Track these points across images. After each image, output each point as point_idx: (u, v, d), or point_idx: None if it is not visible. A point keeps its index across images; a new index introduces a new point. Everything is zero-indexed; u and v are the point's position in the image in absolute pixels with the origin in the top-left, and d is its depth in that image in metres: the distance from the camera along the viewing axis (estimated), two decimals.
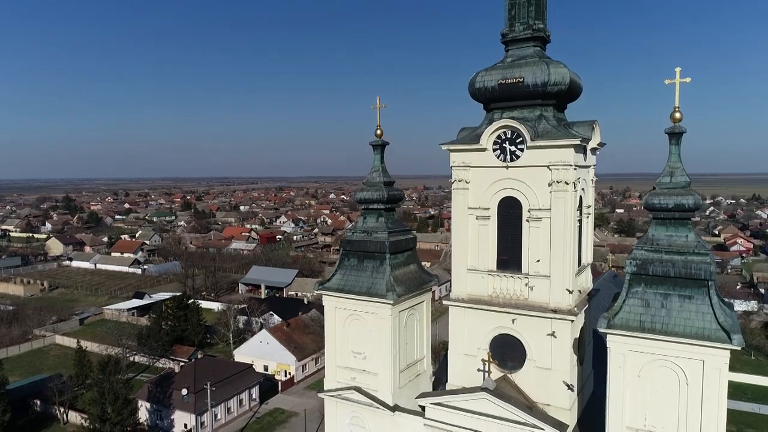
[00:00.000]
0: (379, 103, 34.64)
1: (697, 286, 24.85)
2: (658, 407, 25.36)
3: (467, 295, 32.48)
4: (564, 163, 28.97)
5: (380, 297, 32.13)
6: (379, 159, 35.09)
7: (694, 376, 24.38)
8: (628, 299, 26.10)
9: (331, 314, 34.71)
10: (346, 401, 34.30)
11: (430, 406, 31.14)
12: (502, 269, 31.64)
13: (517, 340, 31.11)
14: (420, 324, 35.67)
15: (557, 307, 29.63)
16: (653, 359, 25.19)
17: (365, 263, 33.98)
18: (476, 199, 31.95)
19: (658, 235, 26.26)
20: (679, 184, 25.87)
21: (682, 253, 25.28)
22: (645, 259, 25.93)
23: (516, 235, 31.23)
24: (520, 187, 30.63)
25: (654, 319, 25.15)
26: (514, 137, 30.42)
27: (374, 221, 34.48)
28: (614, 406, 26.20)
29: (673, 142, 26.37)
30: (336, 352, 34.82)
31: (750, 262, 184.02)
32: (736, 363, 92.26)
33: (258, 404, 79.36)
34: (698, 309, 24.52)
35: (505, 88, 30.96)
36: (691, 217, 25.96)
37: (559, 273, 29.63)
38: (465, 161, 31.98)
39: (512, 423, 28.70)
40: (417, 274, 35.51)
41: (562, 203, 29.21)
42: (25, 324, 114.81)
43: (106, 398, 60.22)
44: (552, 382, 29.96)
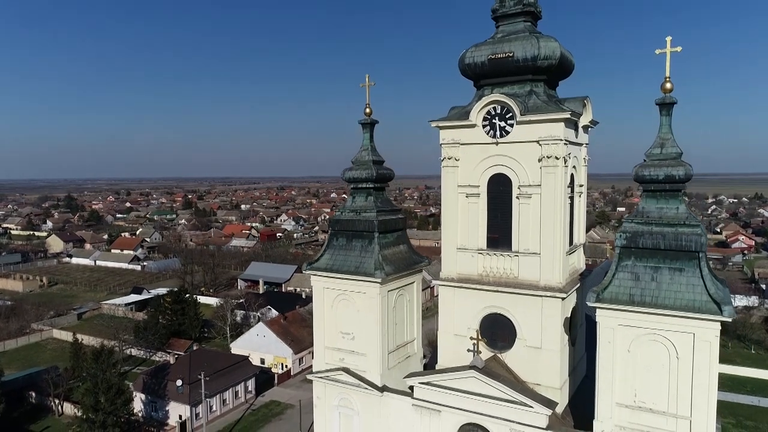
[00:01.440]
0: (368, 81, 34.19)
1: (688, 258, 24.34)
2: (648, 383, 24.87)
3: (457, 274, 32.05)
4: (554, 138, 28.51)
5: (368, 276, 31.67)
6: (369, 137, 34.64)
7: (684, 350, 23.88)
8: (618, 273, 25.60)
9: (320, 294, 34.26)
10: (334, 383, 33.85)
11: (418, 385, 30.67)
12: (492, 248, 31.21)
13: (507, 319, 30.67)
14: (410, 306, 35.20)
15: (547, 285, 29.19)
16: (643, 333, 24.69)
17: (354, 243, 33.52)
18: (466, 177, 31.51)
19: (648, 207, 25.75)
20: (669, 155, 25.37)
21: (673, 225, 24.79)
22: (635, 232, 25.43)
23: (506, 213, 30.80)
24: (510, 163, 30.19)
25: (644, 293, 24.65)
26: (503, 113, 29.97)
27: (363, 200, 34.03)
28: (603, 382, 25.71)
29: (663, 113, 25.87)
30: (324, 333, 34.37)
31: (751, 259, 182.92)
32: (737, 357, 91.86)
33: (254, 396, 78.83)
34: (689, 281, 24.02)
35: (495, 63, 30.51)
36: (682, 189, 25.46)
37: (550, 250, 29.19)
38: (454, 138, 31.55)
39: (501, 401, 28.20)
40: (407, 255, 35.04)
41: (553, 179, 28.76)
42: (23, 318, 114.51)
43: (99, 388, 59.65)
44: (542, 362, 29.51)
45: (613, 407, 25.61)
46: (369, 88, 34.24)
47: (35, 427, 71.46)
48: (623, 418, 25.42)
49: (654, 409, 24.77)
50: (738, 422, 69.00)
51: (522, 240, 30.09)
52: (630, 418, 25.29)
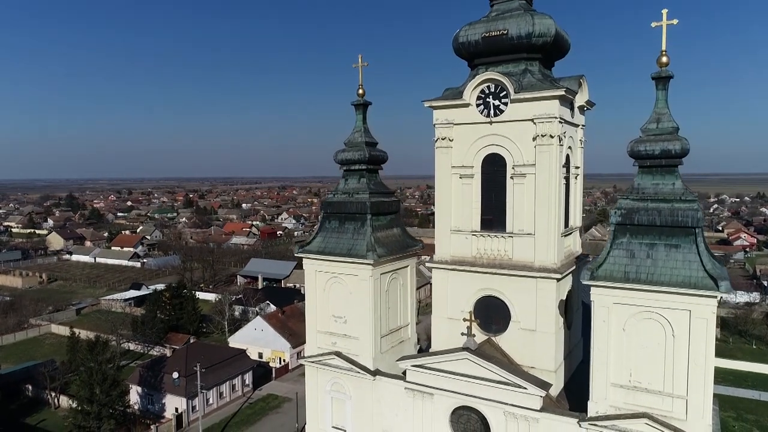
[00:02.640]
0: (360, 62, 33.73)
1: (684, 234, 23.83)
2: (643, 362, 24.38)
3: (450, 256, 31.57)
4: (549, 116, 28.03)
5: (360, 257, 31.22)
6: (362, 119, 34.19)
7: (680, 328, 23.38)
8: (613, 251, 25.10)
9: (312, 278, 33.81)
10: (326, 367, 33.40)
11: (411, 368, 30.19)
12: (486, 229, 30.73)
13: (501, 302, 30.18)
14: (404, 290, 34.75)
15: (542, 266, 28.69)
16: (638, 311, 24.20)
17: (346, 225, 33.07)
18: (460, 158, 31.03)
19: (644, 183, 25.25)
20: (665, 130, 24.87)
21: (669, 200, 24.29)
22: (630, 209, 24.94)
23: (500, 194, 30.33)
24: (505, 143, 29.70)
25: (639, 270, 24.16)
26: (497, 91, 29.51)
27: (356, 182, 33.57)
28: (598, 362, 25.22)
29: (659, 87, 25.39)
30: (317, 317, 33.94)
31: (753, 256, 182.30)
32: (738, 352, 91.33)
33: (251, 390, 78.39)
34: (685, 258, 23.51)
35: (489, 42, 30.02)
36: (678, 165, 24.93)
37: (544, 231, 28.71)
38: (448, 118, 31.07)
39: (494, 383, 27.71)
40: (400, 238, 34.58)
41: (547, 158, 28.27)
42: (21, 314, 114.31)
43: (95, 379, 59.30)
44: (537, 344, 29.02)
45: (608, 388, 25.12)
46: (362, 69, 33.80)
47: (31, 419, 71.08)
48: (618, 399, 24.93)
49: (650, 388, 24.27)
50: (739, 416, 68.48)
51: (516, 221, 29.60)
52: (625, 398, 24.79)
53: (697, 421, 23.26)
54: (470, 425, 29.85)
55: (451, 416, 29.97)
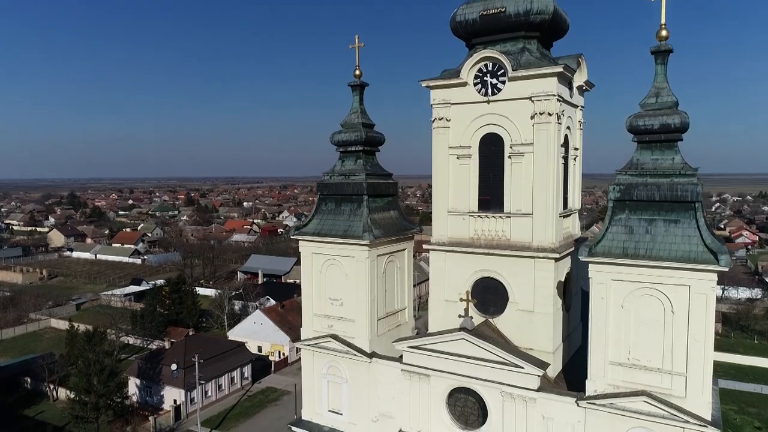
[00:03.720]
0: (357, 42, 33.42)
1: (684, 209, 23.48)
2: (642, 339, 24.03)
3: (448, 238, 31.23)
4: (547, 93, 27.67)
5: (357, 238, 30.89)
6: (358, 100, 33.86)
7: (679, 304, 23.02)
8: (611, 227, 24.76)
9: (308, 260, 33.51)
10: (323, 350, 33.09)
11: (407, 350, 29.85)
12: (484, 210, 30.38)
13: (498, 283, 29.83)
14: (401, 273, 34.43)
15: (540, 246, 28.33)
16: (637, 288, 23.85)
17: (343, 206, 32.77)
18: (457, 138, 30.69)
19: (642, 159, 24.90)
20: (665, 104, 24.51)
21: (668, 175, 23.93)
22: (629, 184, 24.59)
23: (498, 174, 29.97)
24: (502, 122, 29.34)
25: (638, 246, 23.81)
26: (495, 70, 29.16)
27: (352, 164, 33.26)
28: (596, 340, 24.87)
29: (659, 62, 25.04)
30: (313, 300, 33.64)
31: (755, 254, 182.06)
32: (740, 347, 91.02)
33: (250, 383, 78.21)
34: (684, 233, 23.16)
35: (487, 20, 29.65)
36: (677, 140, 24.55)
37: (542, 210, 28.34)
38: (445, 98, 30.73)
39: (491, 363, 27.36)
40: (397, 221, 34.27)
41: (545, 136, 27.92)
42: (21, 308, 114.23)
43: (92, 370, 59.16)
44: (535, 325, 28.65)
45: (607, 366, 24.76)
46: (358, 50, 33.48)
47: (30, 411, 70.99)
48: (617, 377, 24.58)
49: (648, 366, 23.91)
50: (740, 408, 68.23)
51: (514, 201, 29.23)
52: (623, 376, 24.44)
53: (696, 397, 22.90)
54: (467, 408, 29.52)
55: (448, 399, 29.64)
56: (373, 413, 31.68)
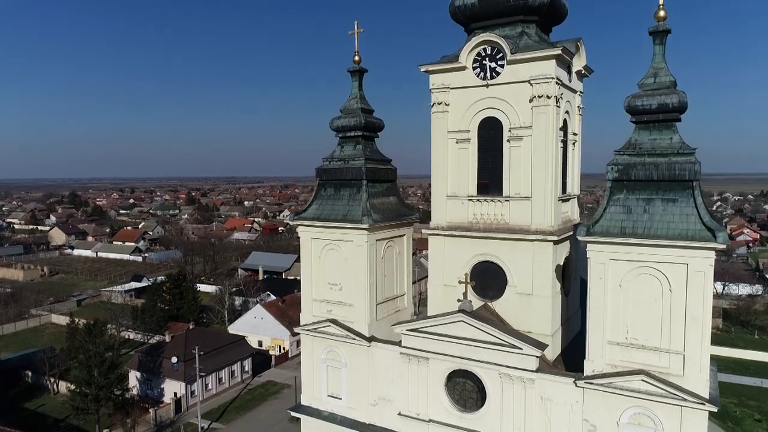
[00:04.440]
0: (356, 28, 33.48)
1: (682, 188, 23.53)
2: (640, 318, 24.06)
3: (446, 222, 31.33)
4: (545, 77, 27.75)
5: (356, 222, 30.96)
6: (357, 86, 33.93)
7: (677, 282, 23.05)
8: (609, 207, 24.81)
9: (307, 246, 33.58)
10: (322, 335, 33.16)
11: (406, 333, 29.90)
12: (483, 194, 30.48)
13: (497, 267, 29.90)
14: (400, 259, 34.50)
15: (539, 229, 28.41)
16: (635, 267, 23.89)
17: (342, 192, 32.84)
18: (456, 122, 30.78)
19: (641, 139, 24.93)
20: (663, 84, 24.55)
21: (666, 154, 23.97)
22: (627, 164, 24.62)
23: (497, 158, 30.06)
24: (501, 105, 29.43)
25: (636, 225, 23.86)
26: (494, 53, 29.23)
27: (351, 149, 33.32)
28: (594, 320, 24.91)
29: (657, 42, 25.07)
30: (312, 285, 33.71)
31: (756, 251, 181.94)
32: (740, 342, 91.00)
33: (251, 376, 78.29)
34: (682, 211, 23.22)
35: (485, 4, 29.70)
36: (676, 120, 24.58)
37: (541, 194, 28.42)
38: (444, 83, 30.82)
39: (490, 345, 27.39)
40: (396, 206, 34.35)
41: (544, 119, 27.99)
42: (22, 304, 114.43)
43: (93, 362, 59.24)
44: (533, 308, 28.73)
45: (605, 346, 24.79)
46: (357, 35, 33.54)
47: (30, 404, 71.10)
48: (615, 357, 24.61)
49: (646, 345, 23.94)
50: (741, 402, 68.25)
51: (513, 184, 29.31)
52: (621, 356, 24.47)
53: (694, 376, 22.93)
54: (466, 391, 29.54)
55: (447, 382, 29.67)
56: (372, 397, 31.74)
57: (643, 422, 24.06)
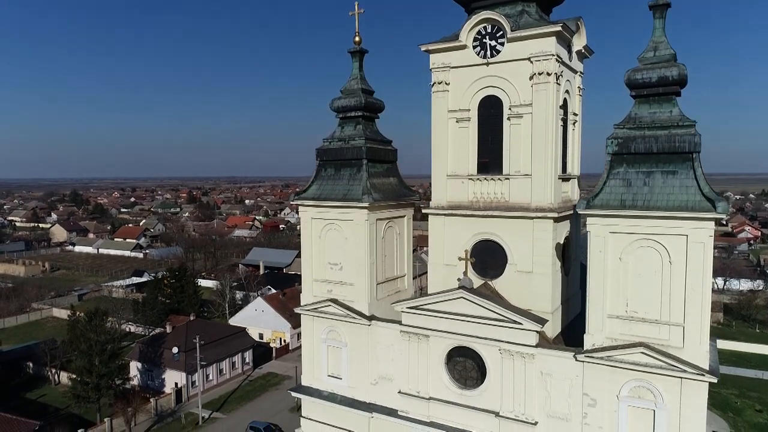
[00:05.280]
0: (357, 9, 33.51)
1: (681, 160, 23.55)
2: (640, 291, 24.09)
3: (447, 202, 31.36)
4: (545, 54, 27.76)
5: (356, 201, 31.01)
6: (358, 66, 33.98)
7: (677, 254, 23.07)
8: (609, 180, 24.82)
9: (308, 226, 33.63)
10: (322, 315, 33.21)
11: (406, 311, 29.93)
12: (483, 172, 30.49)
13: (497, 245, 29.92)
14: (400, 240, 34.56)
15: (539, 206, 28.42)
16: (635, 239, 23.91)
17: (342, 171, 32.89)
18: (456, 101, 30.80)
19: (640, 113, 24.95)
20: (663, 57, 24.56)
21: (666, 127, 23.99)
22: (627, 138, 24.64)
23: (496, 137, 30.08)
24: (501, 84, 29.45)
25: (636, 197, 23.89)
26: (494, 31, 29.26)
27: (352, 129, 33.36)
28: (594, 293, 24.93)
29: (657, 16, 25.09)
30: (312, 266, 33.75)
31: (758, 248, 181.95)
32: (741, 335, 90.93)
33: (251, 368, 78.38)
34: (682, 183, 23.24)
35: None
36: (676, 93, 24.60)
37: (541, 171, 28.44)
38: (444, 62, 30.84)
39: (490, 321, 27.42)
40: (397, 187, 34.40)
41: (544, 96, 28.02)
42: (23, 298, 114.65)
43: (94, 350, 59.34)
44: (533, 286, 28.73)
45: (605, 319, 24.81)
46: (358, 16, 33.58)
47: (32, 395, 71.30)
48: (615, 330, 24.63)
49: (646, 318, 23.96)
50: (741, 393, 68.29)
51: (513, 162, 29.33)
52: (621, 329, 24.49)
53: (694, 347, 22.95)
54: (466, 370, 29.56)
55: (447, 361, 29.69)
56: (373, 376, 31.78)
57: (643, 395, 24.08)
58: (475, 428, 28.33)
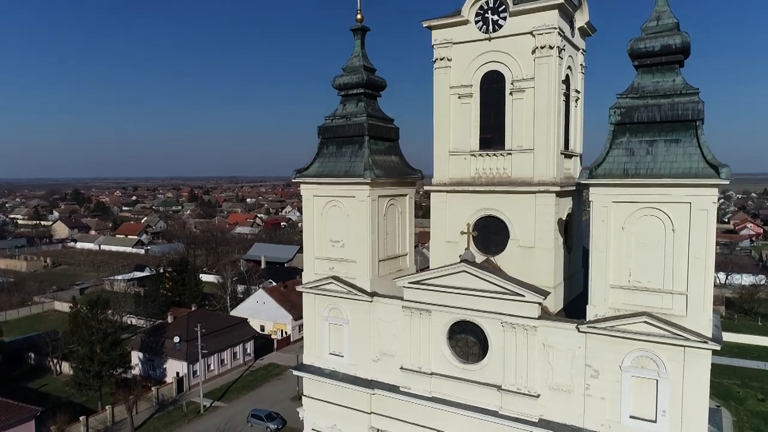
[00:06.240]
0: None
1: (685, 128, 23.47)
2: (643, 261, 24.01)
3: (449, 179, 31.30)
4: (548, 27, 27.70)
5: (358, 176, 30.96)
6: (360, 44, 33.92)
7: (680, 222, 22.99)
8: (612, 150, 24.74)
9: (309, 203, 33.60)
10: (324, 293, 33.16)
11: (408, 286, 29.89)
12: (485, 148, 30.43)
13: (499, 221, 29.85)
14: (402, 218, 34.52)
15: (541, 180, 28.36)
16: (638, 208, 23.83)
17: (344, 149, 32.86)
18: (458, 77, 30.75)
19: (643, 82, 24.87)
20: (666, 26, 24.48)
21: (669, 95, 23.91)
22: (629, 107, 24.57)
23: (499, 112, 30.02)
24: (504, 58, 29.40)
25: (639, 166, 23.81)
26: (496, 6, 29.21)
27: (354, 106, 33.32)
28: (597, 264, 24.85)
29: None
30: (314, 244, 33.70)
31: (759, 245, 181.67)
32: (743, 328, 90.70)
33: (253, 359, 78.31)
34: (685, 151, 23.16)
35: None
36: (679, 62, 24.51)
37: (543, 145, 28.37)
38: (446, 38, 30.79)
39: (492, 294, 27.36)
40: (399, 165, 34.35)
41: (546, 69, 27.96)
42: (25, 292, 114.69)
43: (95, 338, 59.32)
44: (535, 261, 28.66)
45: (607, 290, 24.73)
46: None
47: (33, 384, 71.28)
48: (617, 300, 24.55)
49: (649, 287, 23.87)
50: (744, 383, 68.26)
51: (515, 137, 29.27)
52: (624, 299, 24.41)
53: (697, 315, 22.86)
54: (468, 347, 29.50)
55: (449, 338, 29.62)
56: (374, 353, 31.73)
57: (646, 365, 24.01)
58: (478, 402, 28.27)
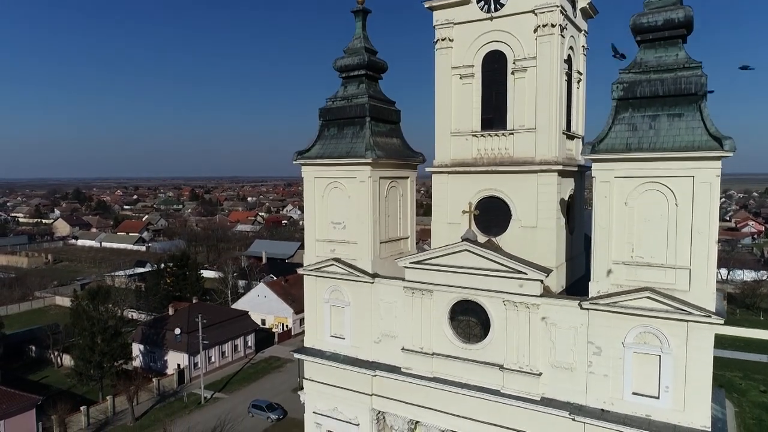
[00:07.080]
0: None
1: (687, 102, 23.35)
2: (646, 236, 23.90)
3: (450, 160, 31.21)
4: (549, 5, 27.62)
5: (359, 157, 30.87)
6: (361, 26, 33.86)
7: (683, 196, 22.88)
8: (615, 126, 24.62)
9: (310, 185, 33.53)
10: (325, 275, 33.07)
11: (409, 266, 29.80)
12: (487, 128, 30.33)
13: (501, 202, 29.76)
14: (404, 201, 34.44)
15: (543, 160, 28.27)
16: (641, 183, 23.73)
17: (345, 130, 32.77)
18: (460, 58, 30.67)
19: (646, 57, 24.76)
20: (669, 1, 24.35)
21: (672, 69, 23.79)
22: (632, 82, 24.45)
23: (501, 92, 29.95)
24: (505, 38, 29.31)
25: (642, 140, 23.70)
26: None
27: (355, 88, 33.23)
28: (600, 239, 24.74)
29: None
30: (315, 226, 33.62)
31: (761, 242, 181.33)
32: (745, 322, 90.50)
33: (254, 352, 78.21)
34: (688, 125, 23.03)
35: None
36: (682, 36, 24.39)
37: (545, 125, 28.28)
38: (448, 18, 30.71)
39: (494, 272, 27.26)
40: (400, 147, 34.26)
41: (548, 48, 27.87)
42: (26, 287, 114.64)
43: (96, 328, 59.23)
44: (537, 241, 28.56)
45: (610, 266, 24.60)
46: None
47: (34, 376, 71.15)
48: (620, 276, 24.44)
49: (652, 263, 23.77)
50: (746, 375, 68.15)
51: (517, 117, 29.18)
52: (627, 275, 24.31)
53: (700, 290, 22.75)
54: (469, 328, 29.39)
55: (451, 319, 29.52)
56: (376, 335, 31.64)
57: (649, 341, 23.90)
58: (480, 382, 28.17)
